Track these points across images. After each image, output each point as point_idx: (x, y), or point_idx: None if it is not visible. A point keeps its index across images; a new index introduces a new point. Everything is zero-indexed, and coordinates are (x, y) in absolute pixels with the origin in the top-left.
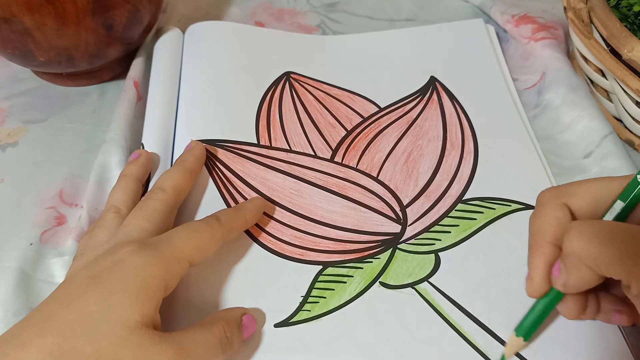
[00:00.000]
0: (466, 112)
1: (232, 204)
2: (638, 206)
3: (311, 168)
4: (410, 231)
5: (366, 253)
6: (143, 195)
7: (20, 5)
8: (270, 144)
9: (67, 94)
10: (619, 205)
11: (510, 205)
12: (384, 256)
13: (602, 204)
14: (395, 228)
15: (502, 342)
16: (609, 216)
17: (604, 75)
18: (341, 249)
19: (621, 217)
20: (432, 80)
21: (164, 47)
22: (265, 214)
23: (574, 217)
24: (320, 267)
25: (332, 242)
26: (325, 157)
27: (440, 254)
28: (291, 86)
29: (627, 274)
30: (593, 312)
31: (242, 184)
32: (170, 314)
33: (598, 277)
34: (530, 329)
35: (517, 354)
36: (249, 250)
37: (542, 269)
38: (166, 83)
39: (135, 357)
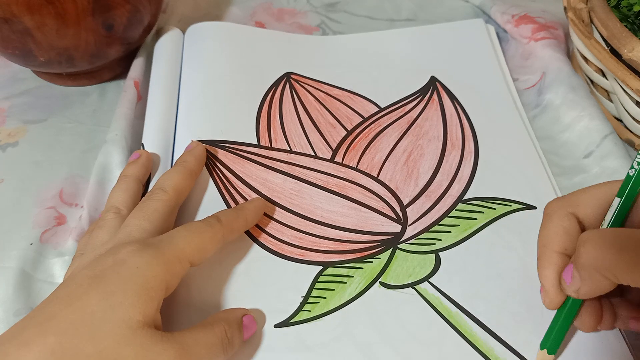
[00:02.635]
0: (466, 112)
1: (233, 204)
2: (638, 204)
3: (311, 168)
4: (410, 231)
5: (366, 253)
6: (143, 195)
7: (21, 5)
8: (271, 144)
9: (67, 94)
10: (616, 201)
11: (510, 205)
12: (384, 256)
13: (608, 208)
14: (396, 228)
15: (502, 342)
16: (609, 215)
17: (604, 75)
18: (341, 249)
19: (621, 213)
20: (433, 80)
21: (164, 47)
22: (265, 214)
23: (581, 226)
24: (321, 267)
25: (332, 242)
26: (326, 157)
27: (440, 253)
28: (291, 87)
29: None
30: (610, 321)
31: (243, 184)
32: (171, 314)
33: (612, 283)
34: (555, 342)
35: (517, 354)
36: (249, 251)
37: (554, 279)
38: (166, 83)
39: (137, 356)
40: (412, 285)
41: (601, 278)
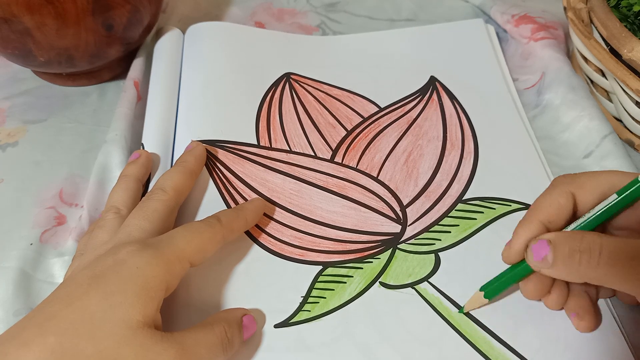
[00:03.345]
0: (466, 112)
1: (232, 204)
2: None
3: (311, 168)
4: (410, 231)
5: (366, 253)
6: (143, 195)
7: (20, 5)
8: (270, 144)
9: (67, 94)
10: (612, 197)
11: (510, 205)
12: (384, 256)
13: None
14: (395, 228)
15: (502, 342)
16: (601, 205)
17: (604, 75)
18: (341, 249)
19: (612, 209)
20: (432, 80)
21: (164, 47)
22: (265, 214)
23: (576, 207)
24: (320, 267)
25: (332, 242)
26: (325, 157)
27: (440, 254)
28: (291, 87)
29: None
30: (557, 302)
31: (242, 184)
32: (171, 314)
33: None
34: (495, 290)
35: (517, 354)
36: (249, 251)
37: (523, 241)
38: (166, 83)
39: (137, 357)
40: (411, 285)
41: (575, 277)
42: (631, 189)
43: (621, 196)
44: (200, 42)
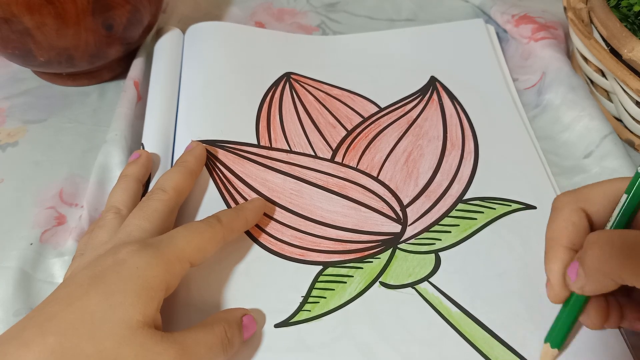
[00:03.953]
0: (466, 112)
1: (233, 204)
2: None
3: (311, 168)
4: (410, 231)
5: (366, 253)
6: (143, 195)
7: (20, 5)
8: (271, 144)
9: (67, 94)
10: (623, 198)
11: (510, 205)
12: (384, 256)
13: (617, 204)
14: (396, 228)
15: (502, 342)
16: (616, 212)
17: (604, 75)
18: (341, 249)
19: (627, 210)
20: (433, 80)
21: (164, 47)
22: (265, 214)
23: (590, 221)
24: (321, 267)
25: (332, 242)
26: (326, 157)
27: (440, 253)
28: (291, 87)
29: None
30: (616, 320)
31: (243, 184)
32: (171, 314)
33: (617, 284)
34: (560, 337)
35: (517, 354)
36: (249, 251)
37: (559, 274)
38: (166, 83)
39: (137, 357)
40: (412, 285)
41: (606, 279)
42: (638, 182)
43: (631, 193)
44: (200, 42)
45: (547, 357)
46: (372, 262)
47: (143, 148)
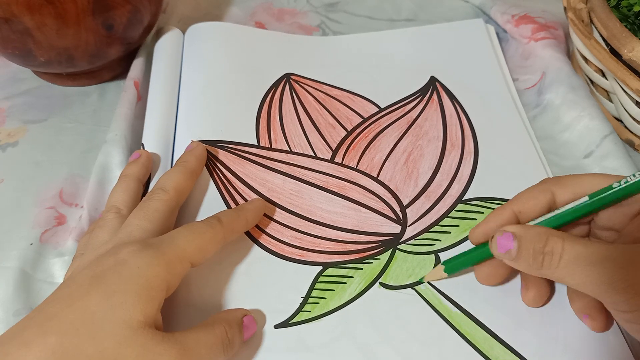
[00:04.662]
0: (466, 112)
1: (233, 205)
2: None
3: (311, 169)
4: (410, 231)
5: (366, 254)
6: (144, 195)
7: (21, 5)
8: (271, 145)
9: (67, 94)
10: (583, 199)
11: None
12: (384, 257)
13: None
14: (395, 228)
15: (502, 342)
16: (566, 207)
17: (604, 75)
18: (341, 250)
19: (576, 212)
20: (432, 80)
21: (164, 47)
22: (265, 215)
23: (554, 205)
24: (320, 267)
25: (332, 242)
26: (326, 157)
27: (440, 254)
28: (291, 87)
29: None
30: (533, 300)
31: (243, 185)
32: (171, 314)
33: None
34: (455, 267)
35: (517, 354)
36: (249, 252)
37: (491, 226)
38: (166, 83)
39: (138, 357)
40: (411, 285)
41: (536, 275)
42: (603, 194)
43: (592, 199)
44: (200, 42)
45: (435, 276)
46: (372, 262)
47: (143, 148)
